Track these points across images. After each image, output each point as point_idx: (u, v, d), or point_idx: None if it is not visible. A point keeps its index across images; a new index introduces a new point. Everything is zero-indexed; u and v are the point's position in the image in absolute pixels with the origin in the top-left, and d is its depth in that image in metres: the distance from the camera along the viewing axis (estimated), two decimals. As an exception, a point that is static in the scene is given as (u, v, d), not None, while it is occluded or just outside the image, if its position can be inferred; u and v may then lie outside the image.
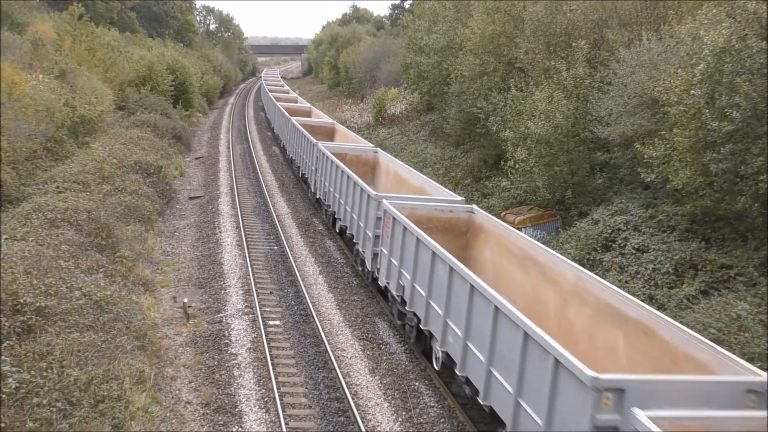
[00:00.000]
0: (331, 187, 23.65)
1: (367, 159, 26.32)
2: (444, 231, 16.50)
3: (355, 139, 30.80)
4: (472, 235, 16.91)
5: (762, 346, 11.75)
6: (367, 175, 25.43)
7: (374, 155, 26.57)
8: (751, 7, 14.02)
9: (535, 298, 13.65)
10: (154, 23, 74.86)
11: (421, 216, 16.32)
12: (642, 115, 17.66)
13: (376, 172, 26.27)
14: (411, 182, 21.92)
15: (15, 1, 38.92)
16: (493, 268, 15.78)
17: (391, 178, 24.36)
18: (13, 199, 19.92)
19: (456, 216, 16.90)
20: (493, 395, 10.50)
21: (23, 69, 26.13)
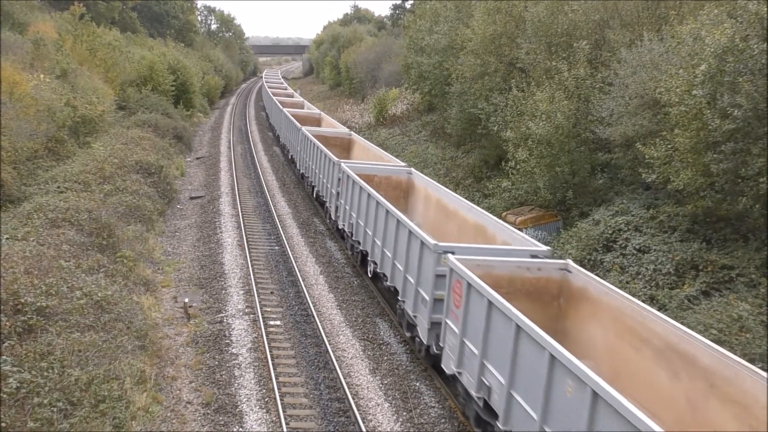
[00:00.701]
0: (360, 220, 19.83)
1: (399, 181, 22.48)
2: (528, 296, 12.55)
3: (378, 155, 26.62)
4: (566, 301, 12.76)
5: (763, 347, 11.74)
6: (399, 200, 21.78)
7: (408, 177, 22.55)
8: (753, 7, 14.01)
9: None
10: (155, 23, 74.89)
11: (500, 277, 12.28)
12: (643, 115, 17.65)
13: (410, 197, 22.37)
14: (462, 216, 17.62)
15: (16, 1, 38.94)
16: (609, 354, 11.44)
17: (432, 208, 20.24)
18: (15, 198, 19.93)
19: (546, 276, 12.71)
20: None
21: (24, 69, 26.16)
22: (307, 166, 30.20)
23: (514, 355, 9.90)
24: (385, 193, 20.30)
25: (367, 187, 19.19)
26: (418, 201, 21.61)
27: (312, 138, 28.81)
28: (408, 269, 15.18)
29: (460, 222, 17.51)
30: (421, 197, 21.36)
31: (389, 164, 23.88)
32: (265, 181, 33.59)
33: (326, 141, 29.09)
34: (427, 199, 20.68)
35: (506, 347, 10.08)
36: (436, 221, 19.29)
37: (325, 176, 25.17)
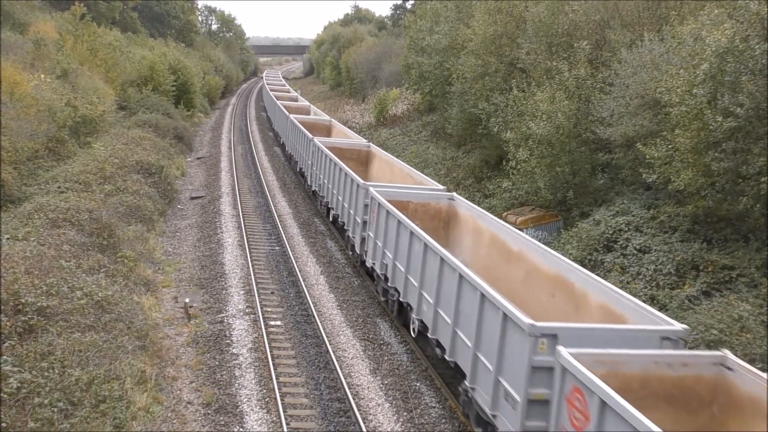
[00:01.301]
0: (399, 263, 15.87)
1: (438, 209, 18.49)
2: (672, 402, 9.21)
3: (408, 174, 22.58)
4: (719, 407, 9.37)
5: (763, 347, 11.73)
6: (439, 231, 18.16)
7: (449, 204, 18.61)
8: (754, 7, 14.01)
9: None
10: (155, 23, 74.89)
11: (631, 377, 8.97)
12: (644, 115, 17.64)
13: (452, 228, 18.55)
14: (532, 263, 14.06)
15: (17, 1, 38.95)
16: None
17: (485, 246, 16.42)
18: (15, 199, 19.93)
19: (691, 373, 9.22)
20: None
21: (25, 69, 26.16)
22: (321, 183, 26.35)
23: None
24: (422, 223, 16.94)
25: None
26: (463, 234, 17.97)
27: (327, 151, 25.30)
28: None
29: (544, 274, 13.64)
30: (468, 230, 17.73)
31: (427, 189, 19.70)
32: (266, 181, 33.59)
33: (341, 154, 25.80)
34: (478, 233, 17.06)
35: None
36: (490, 264, 15.89)
37: (346, 199, 21.64)
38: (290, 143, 37.57)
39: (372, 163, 27.97)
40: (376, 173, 26.26)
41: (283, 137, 42.43)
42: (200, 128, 51.59)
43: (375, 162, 26.87)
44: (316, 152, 27.38)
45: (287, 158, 39.40)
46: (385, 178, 24.31)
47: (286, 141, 40.31)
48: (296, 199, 30.45)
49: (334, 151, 25.66)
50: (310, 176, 29.00)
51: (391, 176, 23.65)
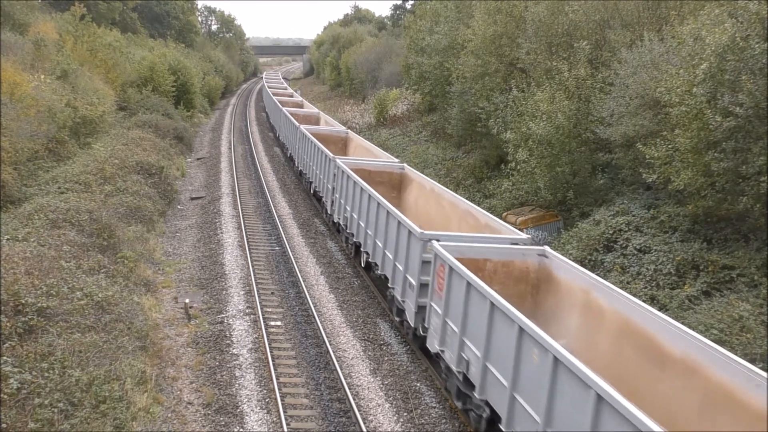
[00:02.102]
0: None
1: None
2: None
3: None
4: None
5: (764, 347, 11.74)
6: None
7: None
8: (753, 7, 14.01)
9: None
10: (155, 24, 74.93)
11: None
12: (644, 115, 17.64)
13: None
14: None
15: (17, 2, 38.95)
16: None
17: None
18: (15, 199, 19.94)
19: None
20: None
21: (25, 69, 26.17)
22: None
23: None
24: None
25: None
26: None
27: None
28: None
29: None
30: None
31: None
32: (266, 181, 33.59)
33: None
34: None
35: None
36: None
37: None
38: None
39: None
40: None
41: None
42: (200, 129, 51.59)
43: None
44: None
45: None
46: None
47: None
48: (296, 199, 30.45)
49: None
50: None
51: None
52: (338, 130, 33.40)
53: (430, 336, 13.54)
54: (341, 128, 34.07)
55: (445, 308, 12.73)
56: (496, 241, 14.06)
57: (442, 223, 18.24)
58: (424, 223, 16.82)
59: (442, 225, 18.09)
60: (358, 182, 19.64)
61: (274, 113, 47.87)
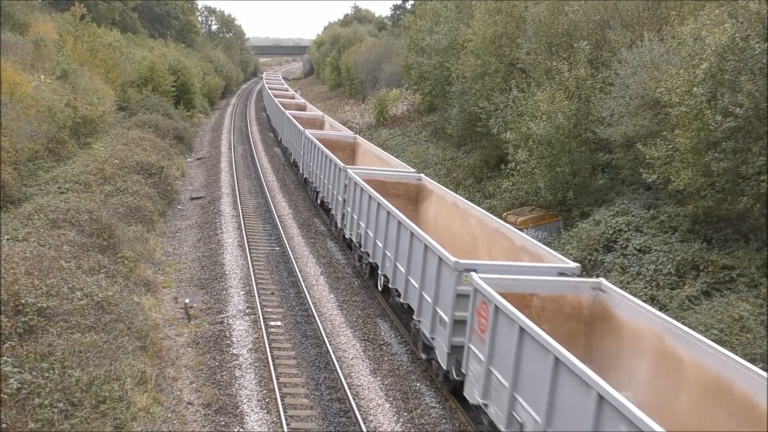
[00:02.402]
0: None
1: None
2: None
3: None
4: None
5: (764, 347, 11.74)
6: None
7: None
8: (754, 7, 14.01)
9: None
10: (156, 24, 74.92)
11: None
12: (644, 115, 17.64)
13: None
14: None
15: (17, 2, 38.95)
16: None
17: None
18: (15, 199, 19.94)
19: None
20: None
21: (25, 69, 26.17)
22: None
23: None
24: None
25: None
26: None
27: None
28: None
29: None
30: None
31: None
32: (266, 181, 33.59)
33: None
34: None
35: None
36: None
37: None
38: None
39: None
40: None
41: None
42: (200, 129, 51.59)
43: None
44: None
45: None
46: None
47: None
48: (296, 199, 30.45)
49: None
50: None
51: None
52: (346, 135, 31.30)
53: (469, 384, 11.57)
54: (349, 133, 32.01)
55: (489, 354, 10.75)
56: (543, 272, 12.21)
57: (469, 243, 16.44)
58: (447, 242, 15.54)
59: (469, 246, 16.32)
60: (374, 196, 17.69)
61: (276, 116, 46.22)
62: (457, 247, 15.33)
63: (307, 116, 39.11)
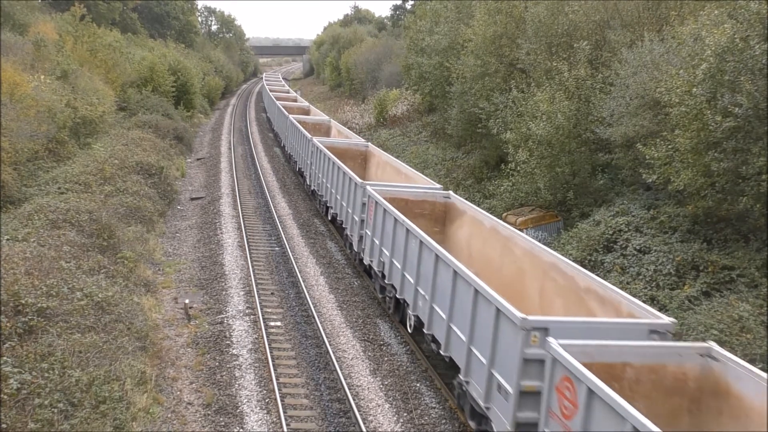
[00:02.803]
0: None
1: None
2: None
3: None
4: None
5: (764, 348, 11.74)
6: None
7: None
8: (754, 7, 14.01)
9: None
10: (155, 24, 74.94)
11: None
12: (644, 115, 17.64)
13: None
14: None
15: (17, 2, 38.97)
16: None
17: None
18: (15, 199, 19.94)
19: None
20: None
21: (25, 70, 26.16)
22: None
23: None
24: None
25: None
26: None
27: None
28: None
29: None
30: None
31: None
32: (266, 182, 33.59)
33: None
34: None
35: None
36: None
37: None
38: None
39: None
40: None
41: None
42: (200, 129, 51.60)
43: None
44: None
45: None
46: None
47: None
48: (296, 199, 30.45)
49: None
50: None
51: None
52: (357, 142, 28.57)
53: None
54: (360, 140, 29.33)
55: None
56: (631, 331, 9.85)
57: (515, 279, 14.20)
58: (485, 274, 13.56)
59: (515, 283, 14.09)
60: (402, 221, 15.29)
61: (279, 121, 43.29)
62: (501, 286, 12.64)
63: (313, 121, 36.70)
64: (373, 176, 25.81)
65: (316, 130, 34.15)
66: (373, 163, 26.82)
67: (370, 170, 26.71)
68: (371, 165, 26.98)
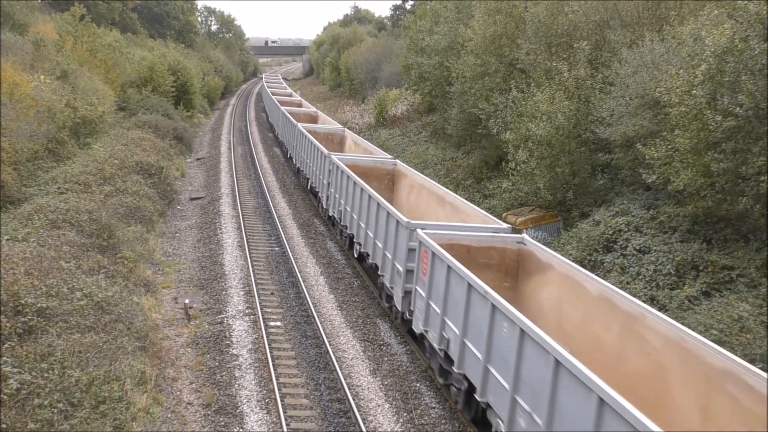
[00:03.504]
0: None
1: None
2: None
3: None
4: None
5: (763, 348, 11.73)
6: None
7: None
8: (753, 8, 14.01)
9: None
10: (155, 24, 74.95)
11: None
12: (644, 115, 17.64)
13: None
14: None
15: (17, 2, 38.97)
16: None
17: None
18: (15, 199, 19.94)
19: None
20: None
21: (25, 70, 26.16)
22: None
23: None
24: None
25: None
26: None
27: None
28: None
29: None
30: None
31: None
32: (266, 182, 33.59)
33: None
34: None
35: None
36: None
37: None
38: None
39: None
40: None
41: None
42: (200, 129, 51.60)
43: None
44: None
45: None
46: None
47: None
48: (296, 200, 30.45)
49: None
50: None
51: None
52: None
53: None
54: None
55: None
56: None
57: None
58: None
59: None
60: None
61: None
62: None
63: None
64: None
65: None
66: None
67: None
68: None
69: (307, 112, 43.73)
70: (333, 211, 23.31)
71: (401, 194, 22.32)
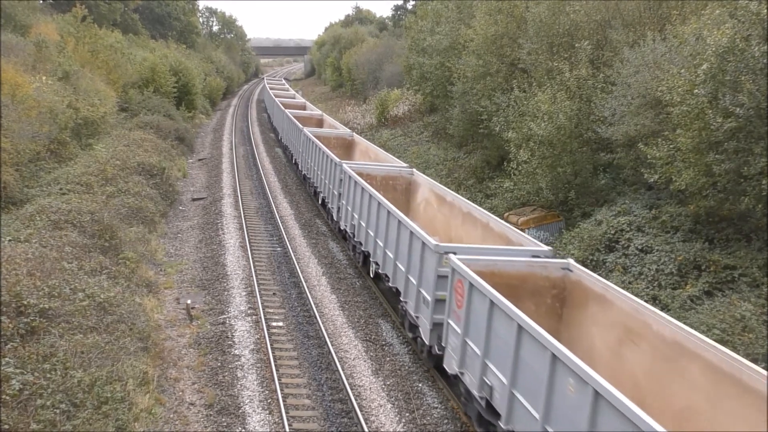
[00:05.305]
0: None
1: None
2: None
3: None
4: None
5: (766, 347, 11.72)
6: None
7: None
8: (754, 8, 13.99)
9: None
10: (157, 25, 75.03)
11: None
12: (645, 115, 17.63)
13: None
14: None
15: (18, 3, 39.03)
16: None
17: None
18: (17, 200, 19.97)
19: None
20: None
21: (27, 71, 26.20)
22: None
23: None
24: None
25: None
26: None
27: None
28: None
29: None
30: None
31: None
32: (267, 182, 33.60)
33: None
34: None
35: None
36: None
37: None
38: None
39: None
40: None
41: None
42: (202, 129, 51.63)
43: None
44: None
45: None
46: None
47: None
48: (298, 200, 30.45)
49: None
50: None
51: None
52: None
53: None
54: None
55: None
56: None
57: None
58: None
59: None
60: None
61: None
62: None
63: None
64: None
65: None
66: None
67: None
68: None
69: (312, 115, 42.20)
70: (345, 224, 21.46)
71: (418, 207, 20.71)
